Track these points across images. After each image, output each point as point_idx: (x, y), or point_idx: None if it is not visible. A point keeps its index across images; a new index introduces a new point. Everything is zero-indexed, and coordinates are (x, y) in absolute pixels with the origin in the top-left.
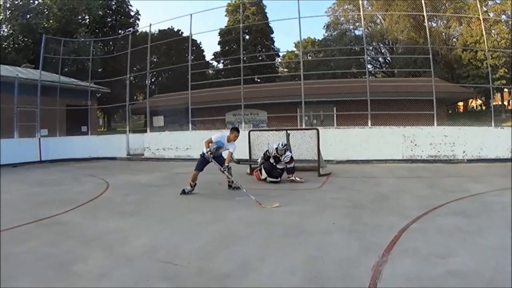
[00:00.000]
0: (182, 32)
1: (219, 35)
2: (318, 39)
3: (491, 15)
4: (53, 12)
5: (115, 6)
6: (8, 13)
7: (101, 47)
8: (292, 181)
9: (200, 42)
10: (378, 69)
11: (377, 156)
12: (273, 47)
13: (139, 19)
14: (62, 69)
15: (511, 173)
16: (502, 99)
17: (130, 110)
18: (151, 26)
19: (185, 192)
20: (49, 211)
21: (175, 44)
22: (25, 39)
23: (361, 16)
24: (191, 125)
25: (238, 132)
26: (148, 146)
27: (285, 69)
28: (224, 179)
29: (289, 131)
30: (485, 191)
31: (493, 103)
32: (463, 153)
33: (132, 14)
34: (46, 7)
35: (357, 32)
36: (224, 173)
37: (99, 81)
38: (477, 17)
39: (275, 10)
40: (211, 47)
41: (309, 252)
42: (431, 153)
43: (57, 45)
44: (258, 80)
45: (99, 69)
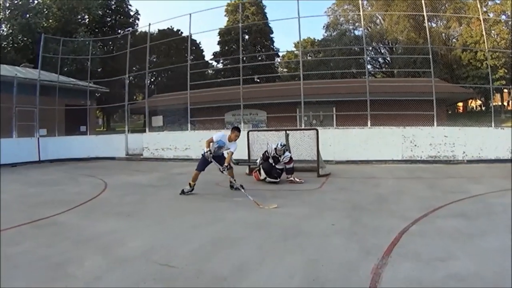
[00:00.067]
0: (181, 32)
1: (219, 35)
2: (317, 39)
3: (491, 15)
4: (52, 11)
5: (114, 5)
6: (7, 12)
7: (100, 46)
8: (291, 181)
9: (199, 42)
10: (377, 70)
11: (376, 156)
12: (272, 47)
13: (138, 19)
14: (61, 69)
15: (511, 174)
16: (502, 100)
17: (129, 110)
18: (151, 26)
19: (184, 192)
20: (46, 211)
21: (175, 44)
22: (24, 39)
23: (361, 16)
24: (190, 125)
25: (239, 131)
26: (147, 146)
27: (285, 69)
28: (223, 180)
29: (288, 131)
30: (485, 192)
31: (493, 104)
32: (463, 153)
33: (131, 13)
34: (45, 6)
35: (357, 32)
36: (224, 173)
37: (98, 81)
38: (477, 17)
39: (275, 10)
40: (210, 47)
41: (308, 254)
42: (431, 153)
43: (56, 45)
44: (257, 80)
45: (99, 69)
